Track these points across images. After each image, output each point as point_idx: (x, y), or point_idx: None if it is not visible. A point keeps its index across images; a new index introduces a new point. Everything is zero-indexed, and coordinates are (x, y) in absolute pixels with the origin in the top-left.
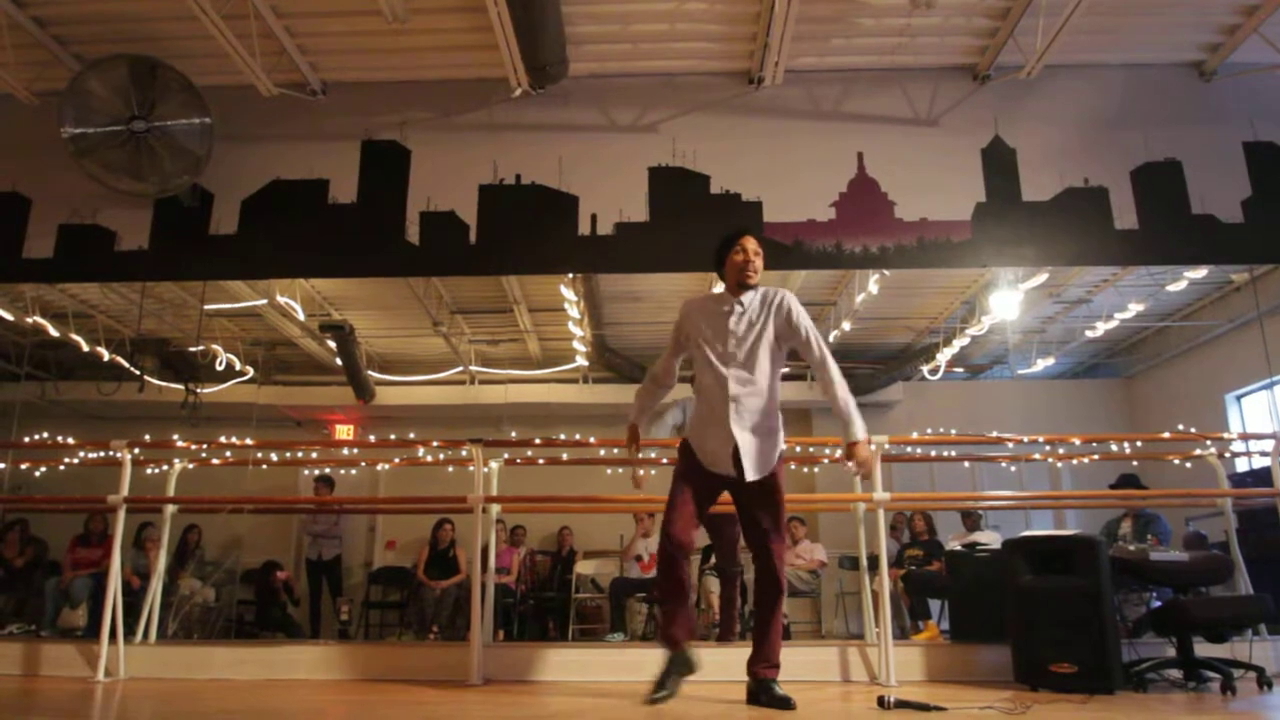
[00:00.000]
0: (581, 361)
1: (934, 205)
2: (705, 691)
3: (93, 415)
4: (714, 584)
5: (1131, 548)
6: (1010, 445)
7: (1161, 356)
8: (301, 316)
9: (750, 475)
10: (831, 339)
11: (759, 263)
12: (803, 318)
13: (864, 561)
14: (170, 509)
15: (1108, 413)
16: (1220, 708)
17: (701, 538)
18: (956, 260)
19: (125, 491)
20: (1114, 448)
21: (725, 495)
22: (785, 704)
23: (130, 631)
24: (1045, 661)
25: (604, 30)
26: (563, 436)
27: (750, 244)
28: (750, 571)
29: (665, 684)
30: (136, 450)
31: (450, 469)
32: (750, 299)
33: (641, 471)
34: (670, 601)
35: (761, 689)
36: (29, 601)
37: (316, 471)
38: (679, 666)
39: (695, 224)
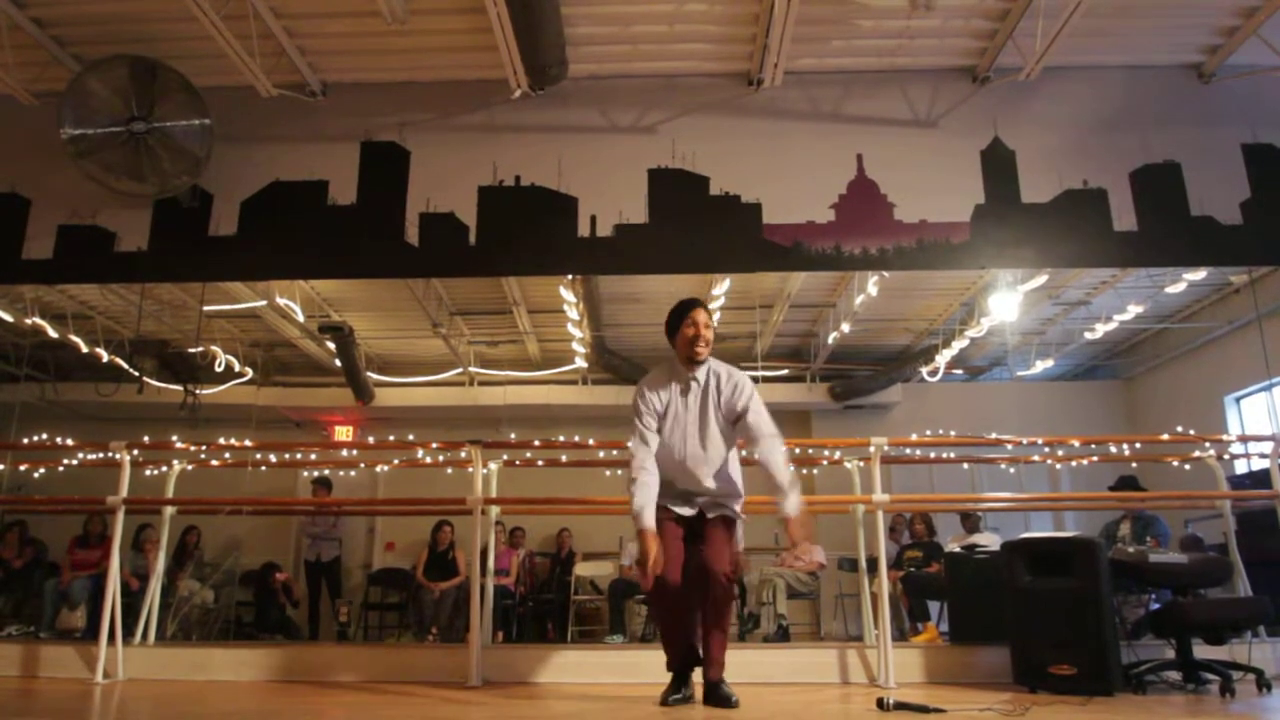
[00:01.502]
0: (581, 363)
1: (933, 207)
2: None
3: (92, 416)
4: None
5: (1130, 549)
6: (1009, 447)
7: (1160, 358)
8: (301, 318)
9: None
10: (831, 341)
11: (709, 335)
12: (757, 413)
13: (863, 563)
14: (169, 510)
15: (1107, 414)
16: (1219, 710)
17: None
18: (956, 262)
19: (124, 493)
20: (1113, 449)
21: None
22: (728, 702)
23: (129, 633)
24: (1044, 663)
25: (603, 31)
26: (562, 438)
27: (701, 317)
28: (746, 574)
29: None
30: (135, 451)
31: (449, 470)
32: (704, 375)
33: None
34: (669, 638)
35: (713, 692)
36: (28, 603)
37: (314, 473)
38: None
39: (695, 225)
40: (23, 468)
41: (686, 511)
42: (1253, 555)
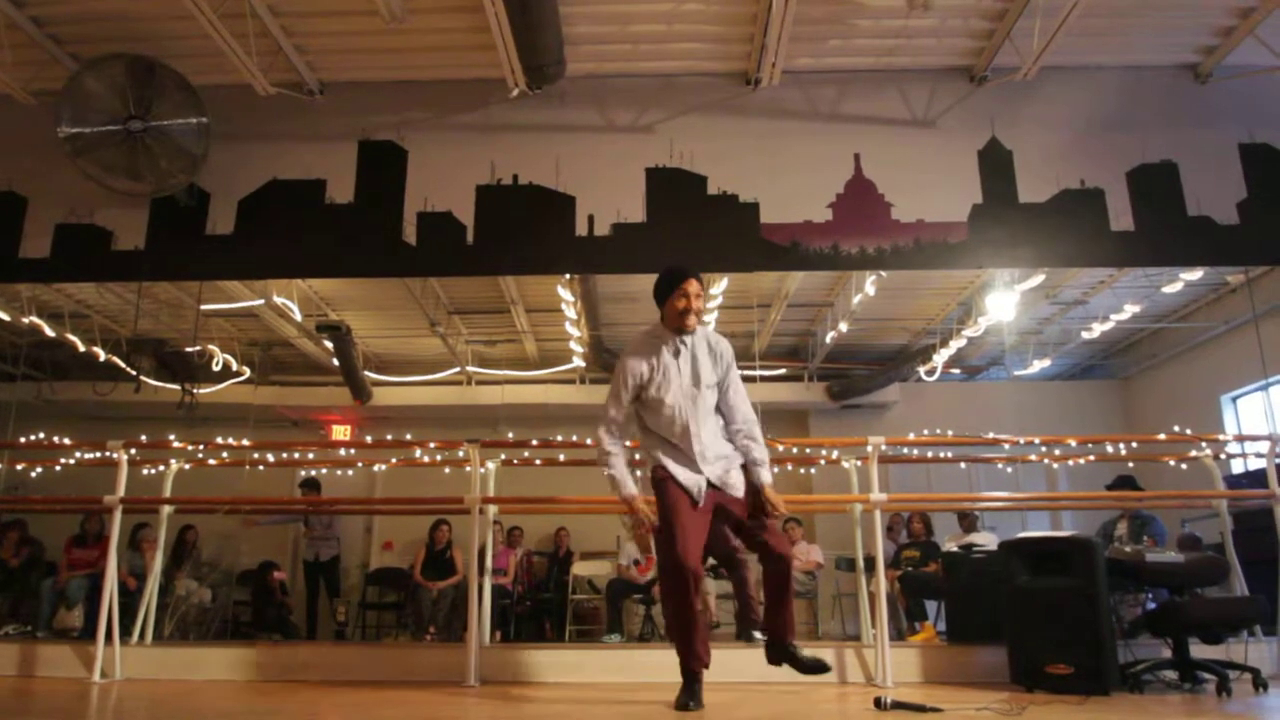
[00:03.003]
0: (578, 362)
1: (931, 206)
2: (708, 694)
3: (89, 415)
4: (709, 584)
5: (1127, 549)
6: (1007, 446)
7: (1157, 358)
8: (298, 317)
9: (735, 493)
10: (829, 340)
11: (699, 306)
12: (738, 392)
13: (860, 563)
14: (167, 510)
15: (1104, 414)
16: (1216, 709)
17: None
18: (953, 261)
19: (121, 492)
20: (1110, 449)
21: None
22: (820, 667)
23: (126, 632)
24: (1041, 662)
25: (602, 31)
26: (560, 437)
27: (692, 288)
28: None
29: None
30: (133, 451)
31: (447, 470)
32: (691, 340)
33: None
34: (687, 631)
35: (789, 655)
36: (25, 602)
37: (302, 474)
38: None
39: (692, 225)
40: (20, 467)
41: (697, 480)
42: (1249, 554)
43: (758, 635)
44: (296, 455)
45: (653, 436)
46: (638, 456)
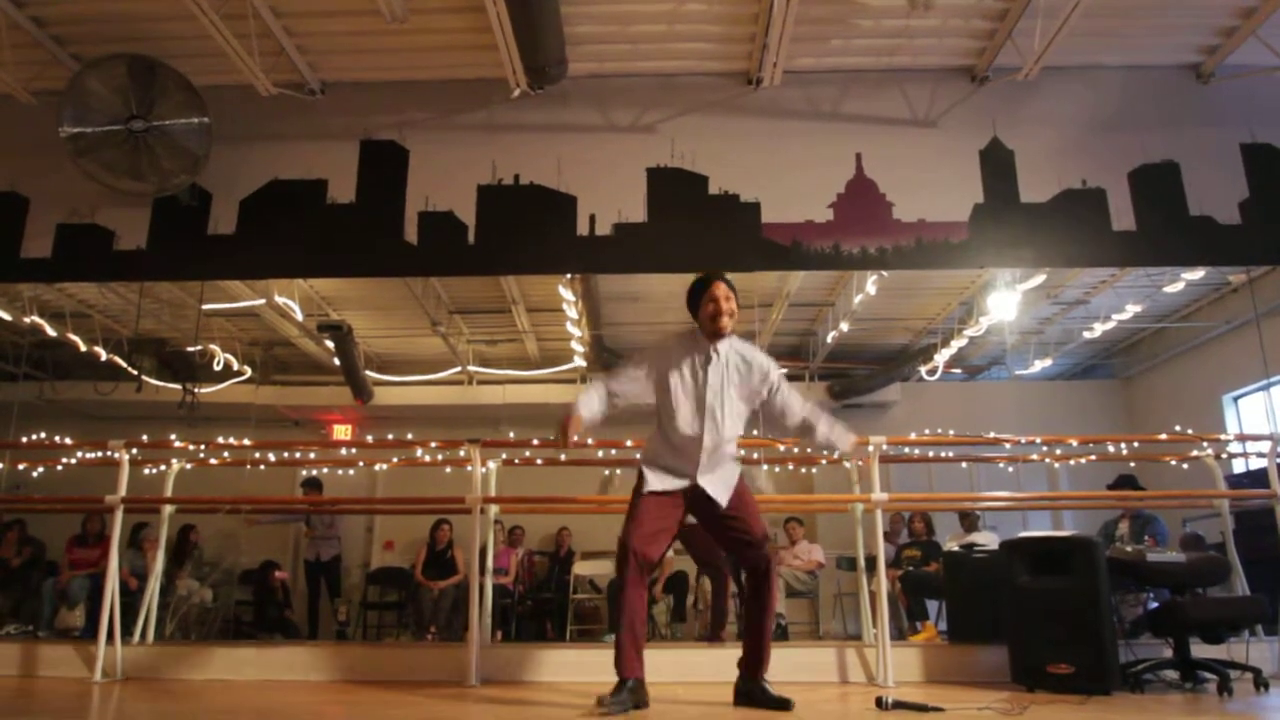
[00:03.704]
0: (580, 362)
1: (932, 206)
2: (697, 694)
3: (90, 415)
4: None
5: (1129, 549)
6: (1008, 446)
7: (1159, 358)
8: (299, 316)
9: (721, 501)
10: (830, 340)
11: (730, 307)
12: (788, 392)
13: (862, 562)
14: (168, 509)
15: (1105, 414)
16: (1217, 709)
17: None
18: (954, 261)
19: (123, 492)
20: (1111, 449)
21: None
22: (784, 705)
23: (127, 632)
24: (1042, 662)
25: (603, 30)
26: None
27: (720, 291)
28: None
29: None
30: (134, 450)
31: (448, 469)
32: (725, 350)
33: (608, 472)
34: (626, 627)
35: (758, 692)
36: (26, 602)
37: (304, 474)
38: (635, 695)
39: (693, 224)
40: (21, 466)
41: (675, 485)
42: (1251, 554)
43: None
44: (298, 455)
45: (660, 439)
46: (638, 456)
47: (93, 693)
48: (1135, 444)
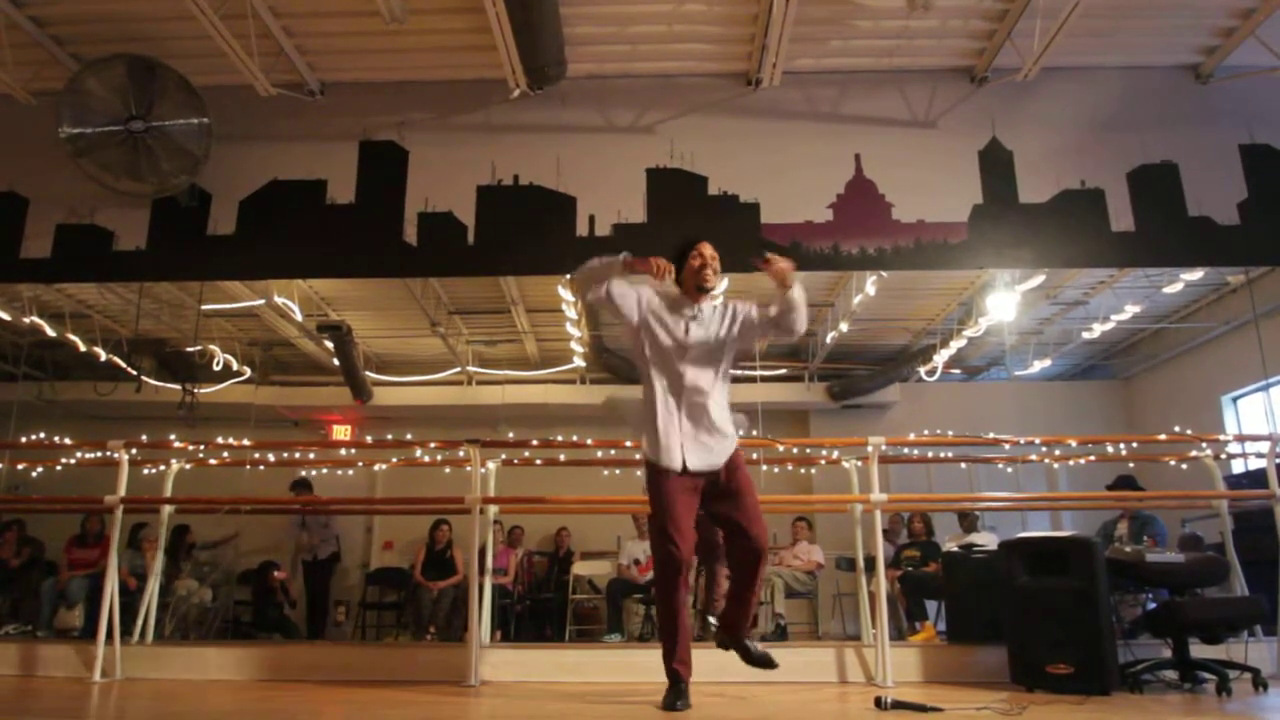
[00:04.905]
0: (579, 362)
1: (931, 207)
2: (696, 695)
3: (89, 415)
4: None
5: (1128, 549)
6: (1007, 446)
7: (1158, 358)
8: (299, 317)
9: (703, 465)
10: (829, 340)
11: (716, 265)
12: (752, 307)
13: (861, 562)
14: (167, 509)
15: (1104, 414)
16: (1216, 709)
17: None
18: (953, 262)
19: (122, 492)
20: (1110, 449)
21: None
22: (768, 663)
23: (127, 632)
24: (1041, 662)
25: (602, 31)
26: (560, 437)
27: (707, 249)
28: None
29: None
30: (133, 450)
31: (447, 469)
32: (708, 310)
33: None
34: (673, 627)
35: (739, 645)
36: (25, 602)
37: (298, 475)
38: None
39: (693, 225)
40: (20, 467)
41: (677, 459)
42: (1249, 555)
43: (711, 620)
44: (297, 455)
45: (650, 408)
46: (637, 457)
47: (92, 693)
48: (1134, 444)
